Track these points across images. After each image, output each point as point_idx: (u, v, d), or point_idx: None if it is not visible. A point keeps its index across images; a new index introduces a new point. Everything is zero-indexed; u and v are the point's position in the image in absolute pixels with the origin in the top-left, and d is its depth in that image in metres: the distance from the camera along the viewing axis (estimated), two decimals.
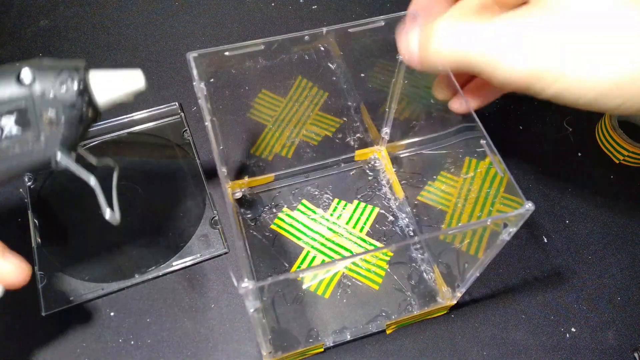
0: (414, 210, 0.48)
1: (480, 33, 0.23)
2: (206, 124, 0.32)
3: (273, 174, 0.49)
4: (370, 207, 0.48)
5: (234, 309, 0.43)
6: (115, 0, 0.63)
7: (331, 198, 0.49)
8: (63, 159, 0.26)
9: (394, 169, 0.50)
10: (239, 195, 0.48)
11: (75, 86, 0.25)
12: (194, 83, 0.33)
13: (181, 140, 0.52)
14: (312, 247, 0.46)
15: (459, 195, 0.47)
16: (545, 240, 0.47)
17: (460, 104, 0.32)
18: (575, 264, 0.46)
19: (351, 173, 0.51)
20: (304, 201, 0.48)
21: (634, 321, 0.44)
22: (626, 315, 0.44)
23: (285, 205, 0.48)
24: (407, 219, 0.48)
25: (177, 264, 0.45)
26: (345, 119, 0.51)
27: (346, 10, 0.63)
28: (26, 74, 0.24)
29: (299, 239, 0.46)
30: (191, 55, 0.33)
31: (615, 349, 0.42)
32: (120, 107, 0.54)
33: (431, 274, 0.45)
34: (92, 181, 0.28)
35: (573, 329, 0.43)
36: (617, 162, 0.52)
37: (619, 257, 0.47)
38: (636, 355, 0.42)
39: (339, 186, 0.50)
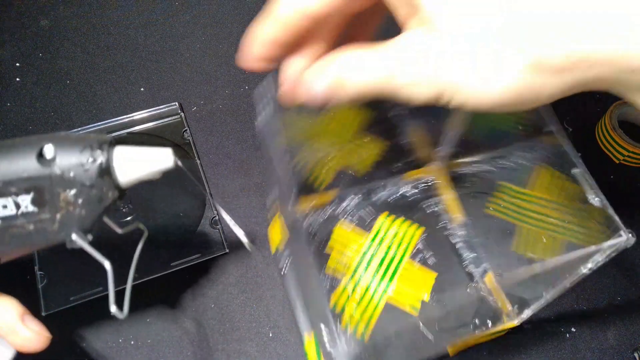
0: (471, 227, 0.46)
1: (372, 64, 0.24)
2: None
3: (335, 190, 0.47)
4: (415, 226, 0.47)
5: (234, 308, 0.43)
6: (115, 0, 0.63)
7: (376, 220, 0.47)
8: (78, 240, 0.25)
9: (453, 186, 0.48)
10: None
11: (96, 167, 0.23)
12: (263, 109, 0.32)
13: (181, 140, 0.52)
14: (351, 277, 0.44)
15: (528, 209, 0.46)
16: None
17: None
18: None
19: (402, 192, 0.48)
20: (342, 228, 0.46)
21: (633, 321, 0.44)
22: (626, 315, 0.44)
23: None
24: (462, 238, 0.46)
25: (177, 264, 0.45)
26: (392, 139, 0.49)
27: None
28: (49, 150, 0.23)
29: (341, 270, 0.44)
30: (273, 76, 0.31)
31: (615, 348, 0.42)
32: (120, 108, 0.54)
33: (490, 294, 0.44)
34: (107, 266, 0.26)
35: (573, 329, 0.43)
36: (617, 162, 0.52)
37: (619, 257, 0.47)
38: (636, 355, 0.42)
39: (386, 209, 0.47)
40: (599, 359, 0.42)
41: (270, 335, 0.42)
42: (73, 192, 0.23)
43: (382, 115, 0.51)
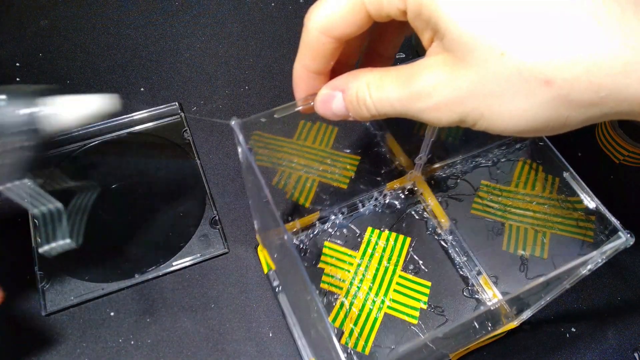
0: (459, 229, 0.46)
1: (397, 90, 0.24)
2: (267, 192, 0.30)
3: (321, 207, 0.47)
4: (402, 236, 0.47)
5: (234, 308, 0.43)
6: (115, 0, 0.63)
7: (364, 234, 0.47)
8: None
9: (435, 191, 0.48)
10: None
11: (23, 115, 0.25)
12: (242, 150, 0.32)
13: (181, 140, 0.52)
14: (347, 293, 0.44)
15: (513, 205, 0.46)
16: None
17: None
18: None
19: (386, 203, 0.48)
20: (330, 245, 0.46)
21: (633, 321, 0.44)
22: (626, 315, 0.44)
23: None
24: (453, 241, 0.46)
25: (177, 264, 0.45)
26: (369, 151, 0.49)
27: None
28: None
29: (336, 286, 0.44)
30: (236, 123, 0.31)
31: (615, 348, 0.42)
32: (120, 107, 0.54)
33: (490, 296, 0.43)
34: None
35: (573, 329, 0.43)
36: (617, 162, 0.52)
37: (619, 257, 0.47)
38: (636, 355, 0.42)
39: (372, 222, 0.47)
40: (599, 359, 0.42)
41: (270, 335, 0.42)
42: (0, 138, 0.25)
43: (354, 127, 0.51)
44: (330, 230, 0.47)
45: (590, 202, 0.33)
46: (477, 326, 0.41)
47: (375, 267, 0.45)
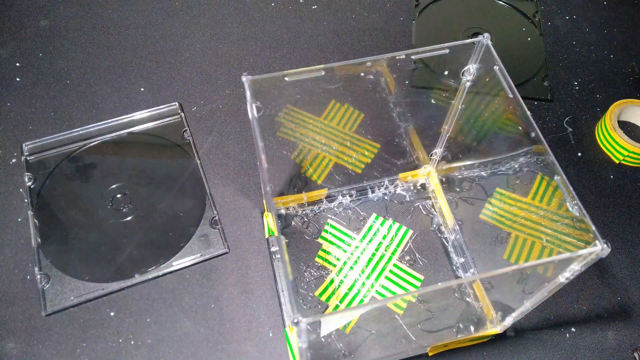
0: (463, 231, 0.46)
1: None
2: (260, 144, 0.31)
3: (330, 186, 0.48)
4: (405, 228, 0.47)
5: (234, 308, 0.43)
6: (116, 0, 0.63)
7: (368, 219, 0.47)
8: None
9: (445, 189, 0.48)
10: (283, 211, 0.48)
11: None
12: (248, 106, 0.32)
13: (181, 140, 0.52)
14: (339, 271, 0.45)
15: (524, 217, 0.45)
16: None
17: None
18: None
19: (396, 193, 0.49)
20: (333, 224, 0.47)
21: (633, 321, 0.44)
22: (626, 315, 0.44)
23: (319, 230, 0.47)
24: (455, 241, 0.46)
25: (177, 264, 0.45)
26: (388, 140, 0.51)
27: (346, 11, 0.63)
28: None
29: (330, 263, 0.45)
30: (247, 79, 0.32)
31: (615, 348, 0.42)
32: (120, 108, 0.54)
33: (474, 300, 0.43)
34: None
35: (573, 329, 0.43)
36: (617, 162, 0.52)
37: (619, 257, 0.47)
38: (636, 355, 0.42)
39: (379, 209, 0.48)
40: (599, 359, 0.42)
41: (270, 335, 0.42)
42: None
43: (380, 116, 0.52)
44: (336, 209, 0.48)
45: (574, 207, 0.32)
46: (461, 326, 0.41)
47: (372, 252, 0.46)
